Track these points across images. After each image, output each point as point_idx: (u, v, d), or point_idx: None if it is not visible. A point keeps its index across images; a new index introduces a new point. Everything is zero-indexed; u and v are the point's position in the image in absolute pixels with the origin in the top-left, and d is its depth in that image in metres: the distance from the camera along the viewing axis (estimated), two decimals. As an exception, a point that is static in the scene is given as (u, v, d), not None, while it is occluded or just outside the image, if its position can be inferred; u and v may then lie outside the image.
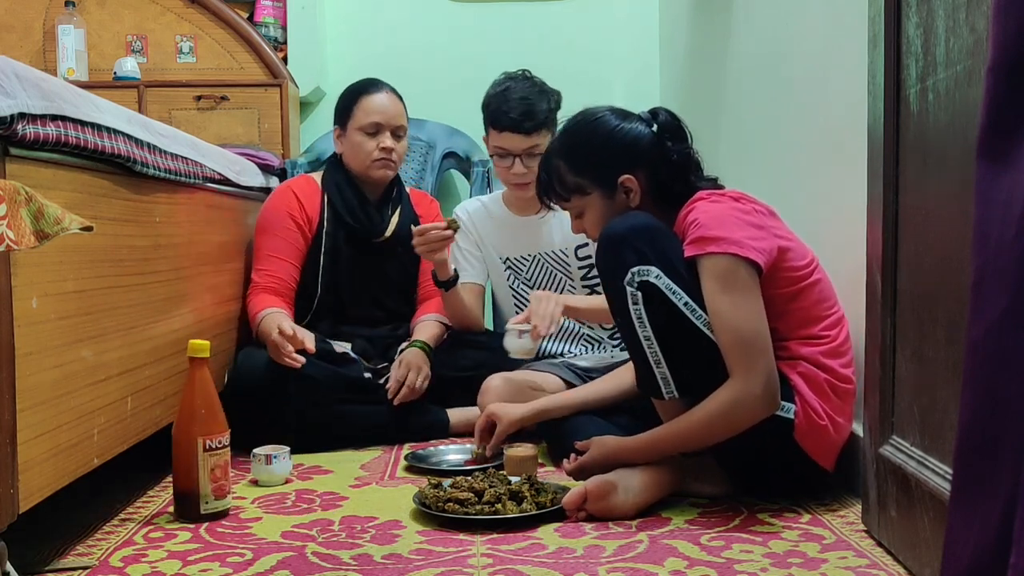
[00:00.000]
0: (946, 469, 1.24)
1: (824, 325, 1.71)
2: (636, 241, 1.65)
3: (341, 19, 3.64)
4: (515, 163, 2.35)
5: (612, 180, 1.78)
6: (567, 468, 1.84)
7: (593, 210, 1.81)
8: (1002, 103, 0.73)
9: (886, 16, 1.43)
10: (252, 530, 1.62)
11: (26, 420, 1.31)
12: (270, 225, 2.48)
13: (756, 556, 1.44)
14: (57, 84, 1.43)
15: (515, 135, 2.33)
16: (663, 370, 1.67)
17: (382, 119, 2.47)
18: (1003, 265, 0.71)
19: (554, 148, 1.86)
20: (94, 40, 3.36)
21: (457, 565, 1.42)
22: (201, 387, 1.69)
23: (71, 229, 1.24)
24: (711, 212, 1.67)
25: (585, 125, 1.82)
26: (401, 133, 2.51)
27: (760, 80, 2.50)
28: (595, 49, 3.62)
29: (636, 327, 1.66)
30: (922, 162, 1.34)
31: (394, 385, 2.31)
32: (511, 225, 2.48)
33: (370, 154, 2.46)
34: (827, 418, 1.66)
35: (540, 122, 2.33)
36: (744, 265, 1.61)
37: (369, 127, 2.46)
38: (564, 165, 1.81)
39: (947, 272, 1.25)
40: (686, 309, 1.64)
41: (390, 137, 2.47)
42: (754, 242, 1.63)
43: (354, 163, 2.50)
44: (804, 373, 1.67)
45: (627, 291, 1.65)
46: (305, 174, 2.69)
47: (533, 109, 2.33)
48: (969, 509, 0.75)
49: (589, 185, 1.80)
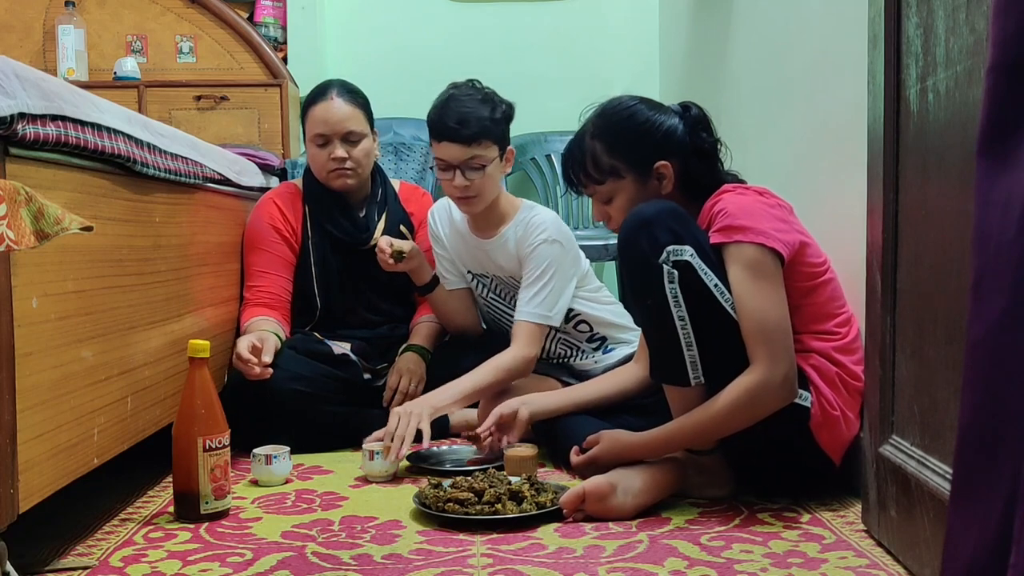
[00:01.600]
0: (946, 469, 1.24)
1: (836, 322, 1.74)
2: (669, 221, 1.66)
3: (341, 19, 3.64)
4: (456, 175, 2.20)
5: (648, 165, 1.79)
6: (575, 462, 1.83)
7: (624, 194, 1.81)
8: (1002, 103, 0.73)
9: (886, 16, 1.43)
10: (252, 530, 1.62)
11: (26, 420, 1.31)
12: (256, 240, 2.45)
13: (756, 556, 1.44)
14: (57, 84, 1.43)
15: (452, 145, 2.18)
16: (693, 353, 1.66)
17: (326, 129, 2.38)
18: (1003, 265, 0.71)
19: (588, 130, 1.84)
20: (94, 40, 3.36)
21: (457, 565, 1.42)
22: (201, 387, 1.69)
23: (71, 229, 1.24)
24: (739, 203, 1.70)
25: (622, 110, 1.83)
26: (353, 139, 2.39)
27: (760, 80, 2.50)
28: (595, 49, 3.62)
29: (671, 307, 1.64)
30: (922, 162, 1.34)
31: (388, 393, 2.30)
32: (469, 243, 2.40)
33: (324, 165, 2.40)
34: (840, 410, 1.69)
35: (478, 131, 2.18)
36: (770, 255, 1.64)
37: (317, 139, 2.40)
38: (600, 146, 1.80)
39: (947, 272, 1.25)
40: (716, 291, 1.65)
41: (340, 146, 2.38)
42: (779, 234, 1.66)
43: (316, 174, 2.46)
44: (817, 366, 1.70)
45: (663, 269, 1.63)
46: (290, 181, 2.64)
47: (470, 117, 2.17)
48: (969, 509, 0.75)
49: (625, 168, 1.79)
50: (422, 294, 2.41)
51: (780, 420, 1.63)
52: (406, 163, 3.31)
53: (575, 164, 1.84)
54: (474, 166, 2.20)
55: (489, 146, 2.21)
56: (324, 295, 2.48)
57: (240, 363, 2.12)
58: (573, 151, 1.85)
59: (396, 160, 3.34)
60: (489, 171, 2.23)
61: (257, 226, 2.47)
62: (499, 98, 2.26)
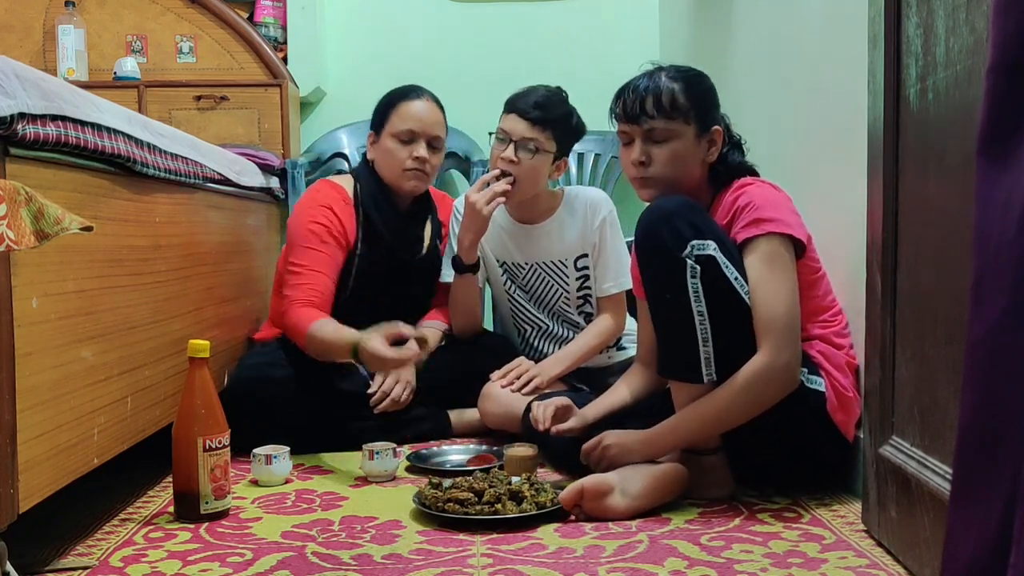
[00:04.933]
0: (946, 469, 1.24)
1: (831, 312, 1.83)
2: (690, 215, 1.67)
3: (341, 19, 3.64)
4: (509, 148, 2.27)
5: (710, 125, 1.81)
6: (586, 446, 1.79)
7: (680, 142, 1.78)
8: (1002, 103, 0.73)
9: (886, 16, 1.43)
10: (252, 530, 1.62)
11: (26, 420, 1.31)
12: (311, 241, 2.29)
13: (756, 556, 1.44)
14: (57, 84, 1.43)
15: (519, 119, 2.27)
16: (708, 349, 1.66)
17: (417, 127, 2.34)
18: (1003, 265, 0.71)
19: (669, 72, 1.81)
20: (94, 40, 3.36)
21: (457, 565, 1.42)
22: (201, 387, 1.69)
23: (71, 229, 1.24)
24: (763, 195, 1.75)
25: (694, 71, 1.85)
26: (437, 144, 2.39)
27: (760, 80, 2.50)
28: (595, 49, 3.62)
29: (691, 302, 1.64)
30: (922, 162, 1.34)
31: (378, 396, 2.25)
32: (511, 231, 2.45)
33: (402, 162, 2.33)
34: (852, 391, 1.75)
35: (548, 118, 2.27)
36: (789, 246, 1.70)
37: (404, 134, 2.34)
38: (680, 87, 1.79)
39: (947, 272, 1.25)
40: (736, 284, 1.66)
41: (425, 147, 2.35)
42: (800, 227, 1.73)
43: (385, 171, 2.37)
44: (824, 352, 1.76)
45: (687, 264, 1.63)
46: (332, 181, 2.44)
47: (546, 104, 2.28)
48: (969, 509, 0.75)
49: (693, 116, 1.79)
50: (462, 272, 2.36)
51: (796, 407, 1.66)
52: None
53: (644, 93, 1.78)
54: (529, 147, 2.27)
55: (549, 138, 2.29)
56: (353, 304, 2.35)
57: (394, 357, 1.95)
58: (644, 82, 1.81)
59: (396, 160, 3.33)
60: (538, 161, 2.29)
61: (314, 226, 2.29)
62: (579, 116, 2.36)
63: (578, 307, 2.45)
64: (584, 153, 3.37)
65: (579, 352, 2.36)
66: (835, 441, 1.73)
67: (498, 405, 2.24)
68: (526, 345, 2.50)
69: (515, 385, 2.25)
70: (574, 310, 2.45)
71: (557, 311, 2.46)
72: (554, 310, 2.46)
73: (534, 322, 2.47)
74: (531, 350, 2.48)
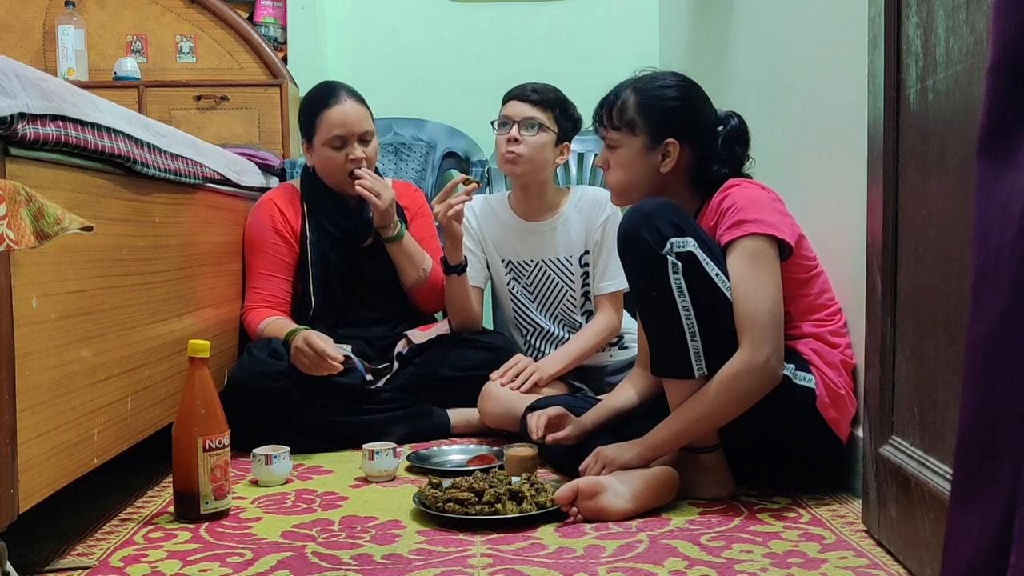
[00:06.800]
0: (946, 469, 1.24)
1: (828, 311, 1.82)
2: (669, 214, 1.69)
3: (341, 19, 3.64)
4: (512, 128, 2.35)
5: (661, 137, 1.82)
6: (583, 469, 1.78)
7: (628, 151, 1.84)
8: (1002, 103, 0.73)
9: (886, 16, 1.43)
10: (252, 530, 1.62)
11: (26, 420, 1.31)
12: (257, 242, 2.47)
13: (756, 556, 1.44)
14: (57, 84, 1.43)
15: (518, 103, 2.38)
16: (696, 343, 1.67)
17: (344, 131, 2.39)
18: (1003, 265, 0.71)
19: (633, 82, 1.88)
20: (94, 40, 3.36)
21: (457, 565, 1.42)
22: (201, 387, 1.69)
23: (71, 229, 1.24)
24: (746, 196, 1.75)
25: (667, 81, 1.87)
26: (367, 138, 2.44)
27: (760, 80, 2.50)
28: (595, 49, 3.62)
29: (676, 298, 1.66)
30: (922, 162, 1.34)
31: (361, 190, 2.35)
32: (516, 229, 2.47)
33: (341, 167, 2.41)
34: (844, 390, 1.74)
35: (546, 99, 2.37)
36: (773, 246, 1.70)
37: (334, 140, 2.40)
38: (633, 99, 1.84)
39: (947, 272, 1.25)
40: (718, 280, 1.68)
41: (358, 147, 2.41)
42: (785, 226, 1.73)
43: (327, 177, 2.46)
44: (817, 350, 1.76)
45: (668, 260, 1.66)
46: (287, 182, 2.64)
47: (541, 89, 2.39)
48: (969, 509, 0.75)
49: (641, 129, 1.82)
50: (448, 273, 2.41)
51: (784, 403, 1.67)
52: (406, 163, 3.31)
53: (606, 103, 1.89)
54: (531, 125, 2.35)
55: (550, 117, 2.38)
56: (321, 293, 2.47)
57: (322, 362, 2.17)
58: (611, 93, 1.90)
59: (396, 160, 3.34)
60: (541, 140, 2.36)
61: (257, 228, 2.48)
62: (576, 108, 2.45)
63: (582, 306, 2.46)
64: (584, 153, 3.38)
65: (578, 351, 2.38)
66: (826, 438, 1.73)
67: (498, 404, 2.24)
68: (527, 346, 2.51)
69: (515, 383, 2.26)
70: (578, 310, 2.46)
71: (560, 313, 2.46)
72: (557, 311, 2.47)
73: (536, 324, 2.48)
74: (532, 351, 2.49)
